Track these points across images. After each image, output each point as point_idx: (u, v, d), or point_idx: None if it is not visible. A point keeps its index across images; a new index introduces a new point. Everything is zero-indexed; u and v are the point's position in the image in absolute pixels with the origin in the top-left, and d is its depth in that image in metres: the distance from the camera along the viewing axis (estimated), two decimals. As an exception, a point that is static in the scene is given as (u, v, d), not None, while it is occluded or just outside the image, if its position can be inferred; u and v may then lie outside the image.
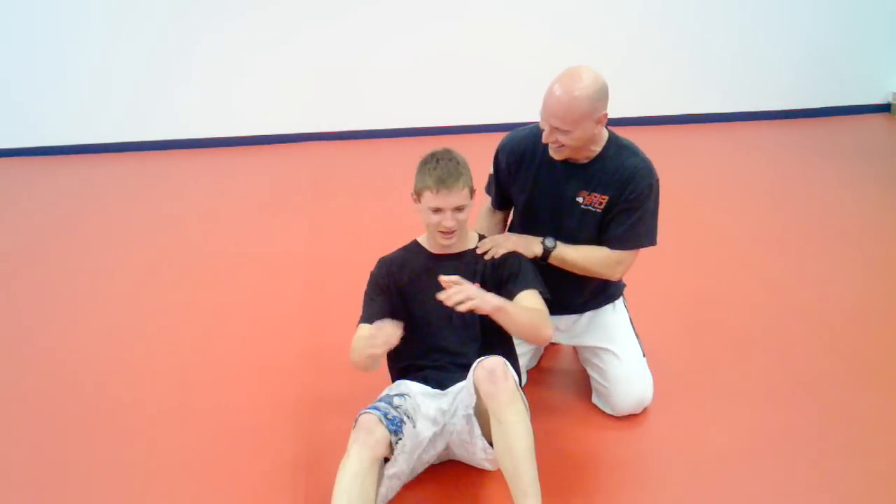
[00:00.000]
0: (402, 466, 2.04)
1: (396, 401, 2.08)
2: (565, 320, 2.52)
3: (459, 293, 1.98)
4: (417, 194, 2.18)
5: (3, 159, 5.43)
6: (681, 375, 2.71)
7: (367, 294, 2.29)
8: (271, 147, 5.54)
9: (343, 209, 4.34)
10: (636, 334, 2.56)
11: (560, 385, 2.69)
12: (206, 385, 2.77)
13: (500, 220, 2.57)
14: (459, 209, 2.15)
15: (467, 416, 2.05)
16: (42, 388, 2.78)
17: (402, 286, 2.27)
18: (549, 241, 2.32)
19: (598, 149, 2.30)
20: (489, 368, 1.98)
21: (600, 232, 2.35)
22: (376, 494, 1.96)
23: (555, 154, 2.28)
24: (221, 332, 3.12)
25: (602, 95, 2.17)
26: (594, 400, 2.57)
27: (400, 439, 1.99)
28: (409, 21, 5.40)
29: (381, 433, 1.96)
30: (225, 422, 2.55)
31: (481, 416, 2.03)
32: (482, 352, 2.15)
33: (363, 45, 5.42)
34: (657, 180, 2.33)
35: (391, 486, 2.05)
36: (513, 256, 2.26)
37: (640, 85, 5.66)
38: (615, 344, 2.48)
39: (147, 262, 3.79)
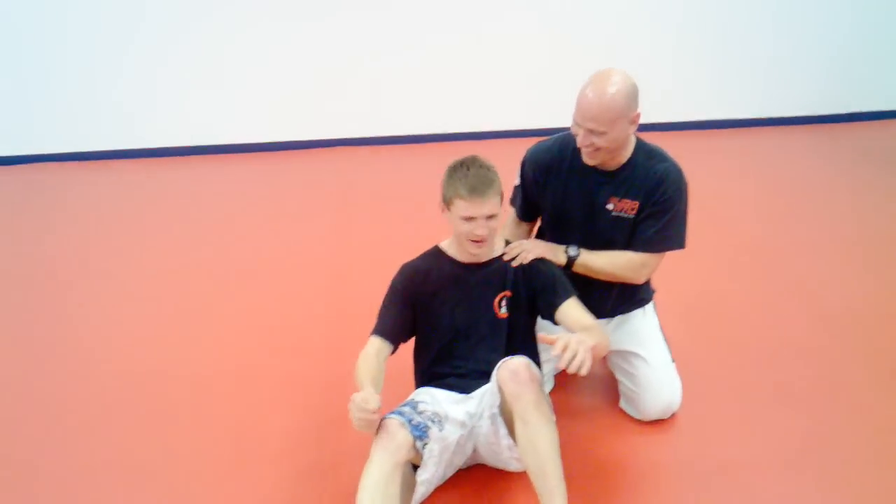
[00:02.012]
0: (433, 471, 2.02)
1: (421, 406, 2.08)
2: None
3: (572, 354, 1.81)
4: (447, 203, 2.13)
5: (23, 166, 5.51)
6: (709, 380, 2.68)
7: (385, 301, 2.27)
8: (293, 153, 5.58)
9: (366, 215, 4.35)
10: (665, 339, 2.53)
11: (587, 390, 2.66)
12: (228, 389, 2.78)
13: (525, 230, 2.56)
14: (491, 217, 2.11)
15: (492, 416, 2.04)
16: (69, 389, 2.81)
17: (426, 295, 2.24)
18: (573, 250, 2.32)
19: (627, 154, 2.29)
20: (513, 369, 1.97)
21: (630, 240, 2.33)
22: (405, 498, 1.95)
23: (589, 159, 2.26)
24: (244, 337, 3.13)
25: (634, 95, 2.16)
26: (622, 405, 2.54)
27: (426, 444, 1.98)
28: (430, 27, 5.42)
29: (404, 437, 1.95)
30: (247, 426, 2.56)
31: (506, 415, 2.02)
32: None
33: (384, 51, 5.44)
34: (686, 184, 2.32)
35: (423, 492, 2.04)
36: (542, 263, 2.24)
37: (663, 91, 5.64)
38: (644, 348, 2.46)
39: (169, 266, 3.84)
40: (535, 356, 2.27)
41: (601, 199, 2.32)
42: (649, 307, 2.55)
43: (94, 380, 2.88)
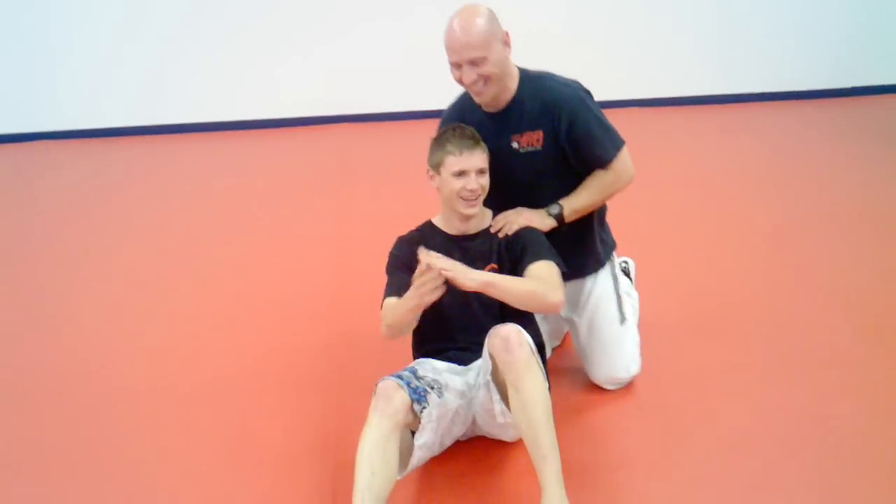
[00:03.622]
0: (430, 436, 2.03)
1: (421, 372, 2.10)
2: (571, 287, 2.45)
3: (434, 274, 1.98)
4: (436, 166, 2.19)
5: (31, 143, 5.56)
6: (704, 354, 2.69)
7: (389, 270, 2.31)
8: (299, 129, 5.61)
9: (370, 191, 4.37)
10: (619, 307, 2.49)
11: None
12: (233, 365, 2.81)
13: None
14: (481, 172, 2.17)
15: (486, 383, 2.06)
16: (66, 384, 2.80)
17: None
18: (554, 208, 2.32)
19: (514, 87, 2.29)
20: (503, 336, 1.99)
21: (553, 174, 2.32)
22: (402, 462, 1.97)
23: (482, 96, 2.25)
24: (249, 313, 3.17)
25: (494, 17, 2.20)
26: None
27: (424, 408, 2.00)
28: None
29: (401, 400, 1.97)
30: (252, 401, 2.60)
31: (499, 383, 2.04)
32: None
33: (387, 27, 5.45)
34: (584, 89, 2.32)
35: (420, 457, 2.05)
36: (525, 231, 2.26)
37: (667, 65, 5.65)
38: (580, 315, 2.48)
39: (174, 245, 3.89)
40: (532, 322, 2.29)
41: (503, 141, 2.30)
42: (603, 273, 2.50)
43: (87, 372, 2.85)
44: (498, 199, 2.33)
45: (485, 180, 2.19)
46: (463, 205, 2.20)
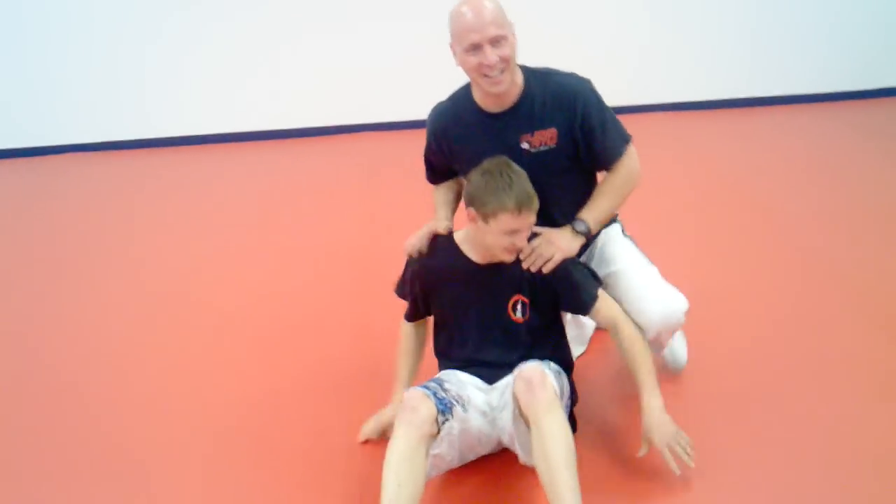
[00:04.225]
0: (446, 449, 2.03)
1: (447, 385, 2.10)
2: None
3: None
4: (486, 215, 2.00)
5: (38, 158, 5.62)
6: (730, 357, 2.68)
7: (400, 292, 2.34)
8: (322, 138, 5.63)
9: (395, 199, 4.37)
10: (644, 256, 2.36)
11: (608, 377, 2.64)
12: (259, 370, 2.83)
13: (454, 191, 2.45)
14: (531, 226, 2.07)
15: (513, 416, 2.03)
16: (71, 386, 2.84)
17: (440, 291, 2.24)
18: (580, 225, 2.19)
19: (520, 81, 2.16)
20: (526, 378, 1.97)
21: (568, 170, 2.23)
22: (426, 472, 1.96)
23: (499, 85, 2.09)
24: (273, 321, 3.18)
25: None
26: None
27: (447, 420, 2.00)
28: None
29: (427, 411, 1.96)
30: (278, 407, 2.60)
31: (524, 423, 2.01)
32: (527, 355, 2.15)
33: (407, 36, 5.45)
34: (590, 82, 2.20)
35: (434, 465, 2.03)
36: (558, 269, 2.13)
37: (675, 69, 5.63)
38: (615, 264, 2.30)
39: (200, 253, 3.92)
40: (558, 349, 2.28)
41: (512, 140, 2.16)
42: (613, 229, 2.40)
43: (98, 376, 2.89)
44: None
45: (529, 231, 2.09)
46: (507, 255, 2.10)
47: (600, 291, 2.18)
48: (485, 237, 2.07)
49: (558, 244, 2.15)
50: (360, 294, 3.29)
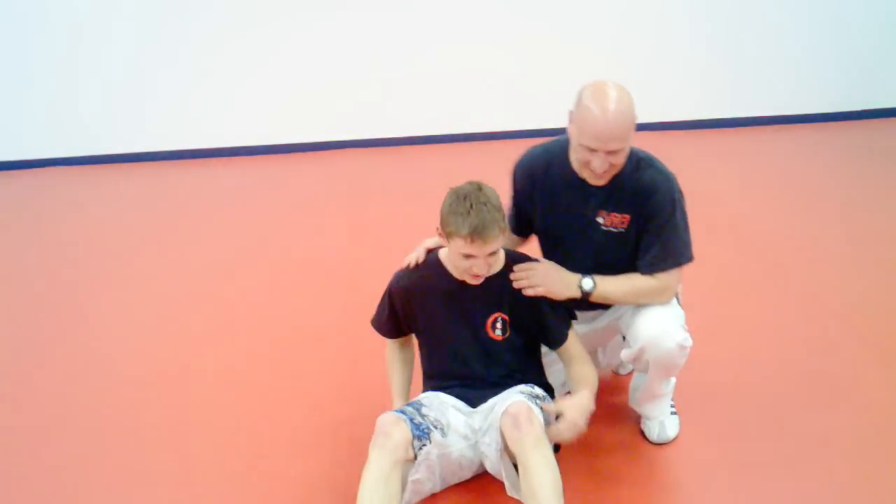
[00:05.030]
0: (425, 474, 2.02)
1: (424, 410, 2.09)
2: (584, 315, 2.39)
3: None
4: (447, 235, 2.03)
5: (39, 169, 5.58)
6: (724, 380, 2.69)
7: (380, 308, 2.29)
8: (307, 154, 5.62)
9: (378, 216, 4.38)
10: None
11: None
12: (246, 387, 2.82)
13: (518, 244, 2.47)
14: (492, 254, 2.04)
15: (500, 452, 2.03)
16: (78, 391, 2.86)
17: (421, 306, 2.22)
18: (587, 283, 2.18)
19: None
20: (513, 414, 1.96)
21: (634, 257, 2.23)
22: (401, 498, 1.95)
23: (600, 180, 2.14)
24: (259, 336, 3.18)
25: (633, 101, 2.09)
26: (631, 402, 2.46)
27: (424, 445, 1.99)
28: (438, 29, 5.46)
29: (401, 435, 1.95)
30: (263, 426, 2.59)
31: (511, 458, 2.02)
32: (509, 374, 2.16)
33: (393, 52, 5.46)
34: (680, 191, 2.21)
35: (414, 490, 2.02)
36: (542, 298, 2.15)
37: (674, 89, 5.64)
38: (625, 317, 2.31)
39: (188, 266, 3.91)
40: (537, 370, 2.28)
41: (591, 212, 2.22)
42: None
43: (101, 382, 2.92)
44: (552, 250, 2.31)
45: (494, 259, 2.08)
46: (469, 278, 2.10)
47: (571, 331, 2.21)
48: (450, 256, 2.10)
49: (551, 283, 2.16)
50: (347, 309, 3.28)
